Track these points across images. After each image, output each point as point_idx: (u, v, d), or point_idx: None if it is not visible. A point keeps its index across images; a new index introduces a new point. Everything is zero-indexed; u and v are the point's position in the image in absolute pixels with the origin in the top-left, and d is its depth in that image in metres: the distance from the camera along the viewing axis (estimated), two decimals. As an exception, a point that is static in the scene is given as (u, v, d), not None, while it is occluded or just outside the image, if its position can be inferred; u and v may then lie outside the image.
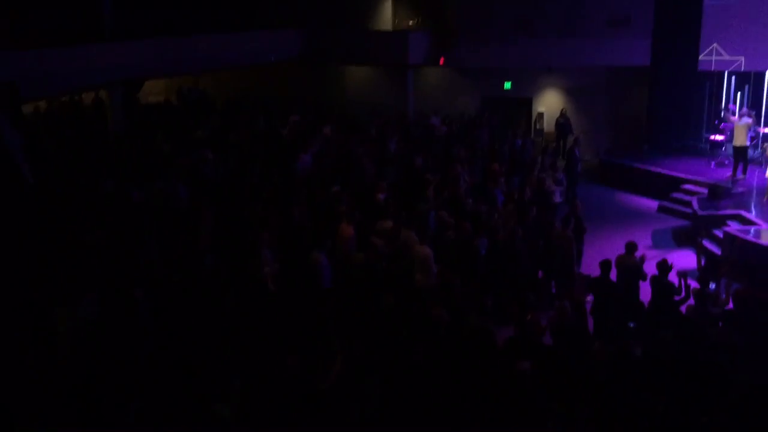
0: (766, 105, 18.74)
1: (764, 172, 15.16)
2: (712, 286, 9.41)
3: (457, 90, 22.22)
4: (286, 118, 18.50)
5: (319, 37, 22.09)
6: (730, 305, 8.82)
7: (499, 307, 10.15)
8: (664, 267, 9.26)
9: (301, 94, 22.11)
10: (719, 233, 13.06)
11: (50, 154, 14.22)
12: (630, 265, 9.67)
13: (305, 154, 14.63)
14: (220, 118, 19.12)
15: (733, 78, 19.11)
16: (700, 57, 18.58)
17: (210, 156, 13.99)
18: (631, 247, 9.91)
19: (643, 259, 9.63)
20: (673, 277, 9.30)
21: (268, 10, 22.72)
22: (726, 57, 18.29)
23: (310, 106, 20.61)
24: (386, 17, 23.04)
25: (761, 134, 17.42)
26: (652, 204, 16.76)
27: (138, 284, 8.27)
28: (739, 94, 19.13)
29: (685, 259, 13.16)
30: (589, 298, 9.53)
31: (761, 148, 16.99)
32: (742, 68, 18.35)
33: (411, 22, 22.79)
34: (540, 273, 11.71)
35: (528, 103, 21.93)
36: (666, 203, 16.27)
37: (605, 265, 9.32)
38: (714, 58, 18.45)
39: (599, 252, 11.41)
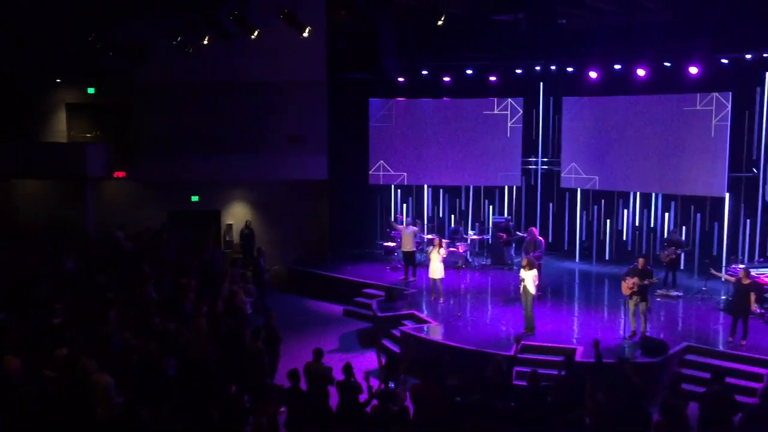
0: (427, 214, 21.35)
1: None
2: (392, 384, 10.07)
3: (143, 203, 21.58)
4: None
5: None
6: (408, 401, 9.54)
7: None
8: (348, 370, 9.73)
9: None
10: (397, 332, 14.23)
11: None
12: (318, 372, 9.99)
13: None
14: None
15: (399, 191, 21.54)
16: (370, 172, 20.65)
17: None
18: (318, 353, 10.28)
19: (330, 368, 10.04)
20: (360, 378, 9.81)
21: None
22: (392, 172, 20.57)
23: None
24: (60, 129, 21.83)
25: (425, 240, 19.62)
26: (338, 309, 17.69)
27: None
28: (404, 205, 21.58)
29: (370, 359, 13.99)
30: (283, 409, 9.60)
31: (425, 252, 19.09)
32: (405, 182, 20.79)
33: (89, 135, 21.87)
34: (233, 388, 11.50)
35: (217, 216, 22.09)
36: (350, 307, 17.33)
37: (293, 374, 9.50)
38: (382, 173, 20.64)
39: (294, 360, 11.61)
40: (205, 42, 16.59)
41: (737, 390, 10.08)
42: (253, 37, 15.05)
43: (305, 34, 14.76)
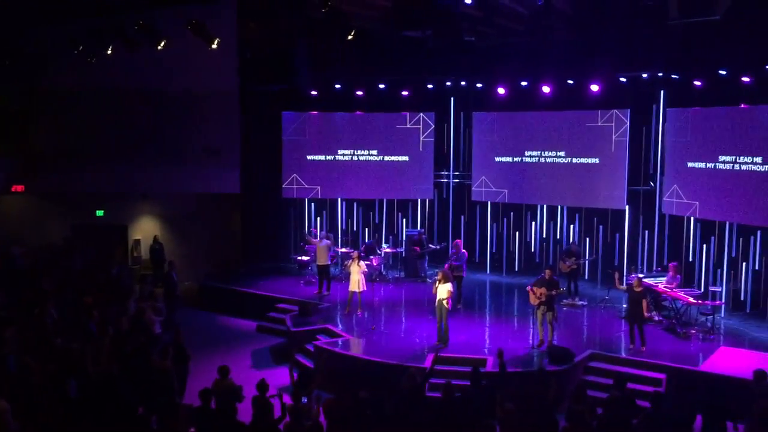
0: (341, 228, 21.36)
1: (346, 287, 16.87)
2: (305, 399, 9.99)
3: (45, 218, 20.68)
4: None
5: None
6: (321, 417, 9.47)
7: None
8: (263, 386, 9.59)
9: None
10: (311, 347, 14.13)
11: None
12: (226, 389, 9.81)
13: None
14: None
15: (313, 204, 21.47)
16: (283, 185, 20.48)
17: None
18: (224, 370, 10.11)
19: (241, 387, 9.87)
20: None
21: None
22: (305, 186, 20.47)
23: None
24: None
25: (340, 253, 19.61)
26: (251, 324, 17.41)
27: None
28: (318, 219, 21.51)
29: (283, 375, 13.80)
30: (192, 429, 9.34)
31: (341, 265, 19.09)
32: (319, 196, 20.74)
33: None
34: (141, 408, 11.12)
35: (124, 231, 21.39)
36: (264, 323, 17.11)
37: (204, 393, 9.29)
38: (295, 186, 20.51)
39: (205, 379, 11.34)
40: (109, 51, 16.09)
41: (638, 395, 10.51)
42: (159, 47, 14.72)
43: (214, 46, 14.57)
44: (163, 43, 14.76)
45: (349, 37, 14.42)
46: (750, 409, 9.01)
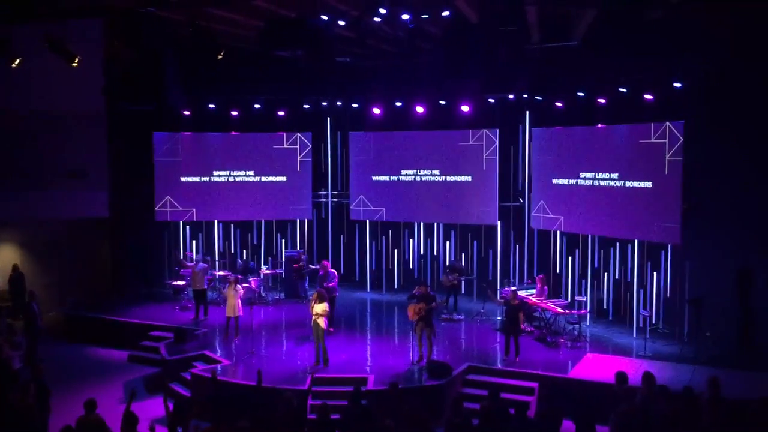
0: (218, 251, 20.84)
1: (224, 312, 16.46)
2: (181, 430, 9.62)
3: None
4: None
5: None
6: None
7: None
8: (130, 419, 9.15)
9: None
10: (188, 375, 13.64)
11: None
12: (91, 425, 9.29)
13: None
14: None
15: (188, 227, 20.85)
16: (156, 208, 19.75)
17: None
18: (89, 405, 9.57)
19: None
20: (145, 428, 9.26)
21: None
22: (179, 208, 19.85)
23: None
24: None
25: (217, 277, 19.12)
26: (123, 355, 16.61)
27: None
28: (194, 242, 20.91)
29: (157, 406, 13.23)
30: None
31: (218, 290, 18.61)
32: (194, 218, 20.16)
33: None
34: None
35: (-22, 260, 19.88)
36: (136, 352, 16.36)
37: (66, 431, 8.76)
38: (169, 209, 19.82)
39: (69, 416, 10.69)
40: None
41: (511, 403, 10.84)
42: (14, 65, 13.84)
43: (74, 64, 13.88)
44: (18, 61, 13.86)
45: (219, 57, 14.17)
46: (613, 412, 9.50)
